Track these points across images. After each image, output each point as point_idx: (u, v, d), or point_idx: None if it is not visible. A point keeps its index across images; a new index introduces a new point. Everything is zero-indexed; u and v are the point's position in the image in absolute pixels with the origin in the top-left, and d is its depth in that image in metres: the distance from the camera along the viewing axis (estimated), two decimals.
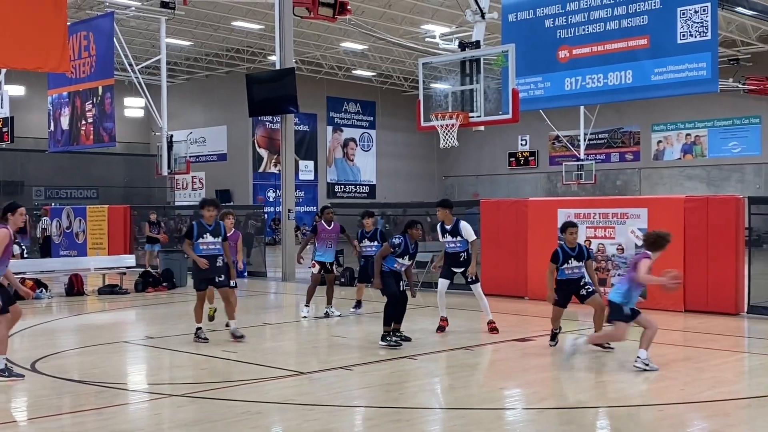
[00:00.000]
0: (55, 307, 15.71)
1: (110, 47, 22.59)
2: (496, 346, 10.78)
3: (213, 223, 10.72)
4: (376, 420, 6.99)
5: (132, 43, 30.27)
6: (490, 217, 16.29)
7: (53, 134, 25.41)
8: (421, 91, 13.96)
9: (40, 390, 8.29)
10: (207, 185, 42.10)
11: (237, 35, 34.57)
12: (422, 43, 29.33)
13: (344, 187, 44.34)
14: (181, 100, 40.56)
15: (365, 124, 45.66)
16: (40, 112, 32.58)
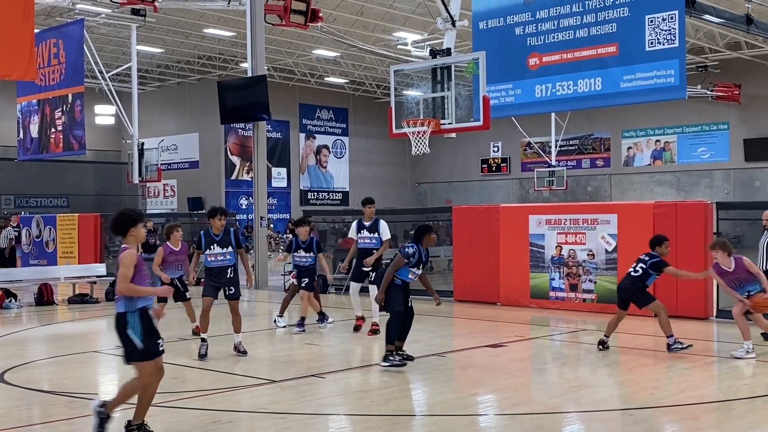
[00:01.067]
0: (25, 317, 15.52)
1: (80, 54, 22.41)
2: (468, 353, 10.82)
3: (221, 232, 10.27)
4: (349, 428, 6.99)
5: (102, 50, 30.06)
6: (463, 223, 16.36)
7: (22, 142, 25.14)
8: (393, 98, 13.99)
9: (9, 401, 8.19)
10: (179, 193, 41.86)
11: (209, 42, 34.44)
12: (394, 50, 29.43)
13: (317, 194, 44.29)
14: (153, 108, 40.30)
15: (338, 131, 45.66)
16: (9, 120, 32.21)
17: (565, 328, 13.06)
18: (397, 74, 14.26)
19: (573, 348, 11.58)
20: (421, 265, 9.53)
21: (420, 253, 9.46)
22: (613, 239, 14.13)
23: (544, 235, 14.97)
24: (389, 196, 45.02)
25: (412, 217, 24.32)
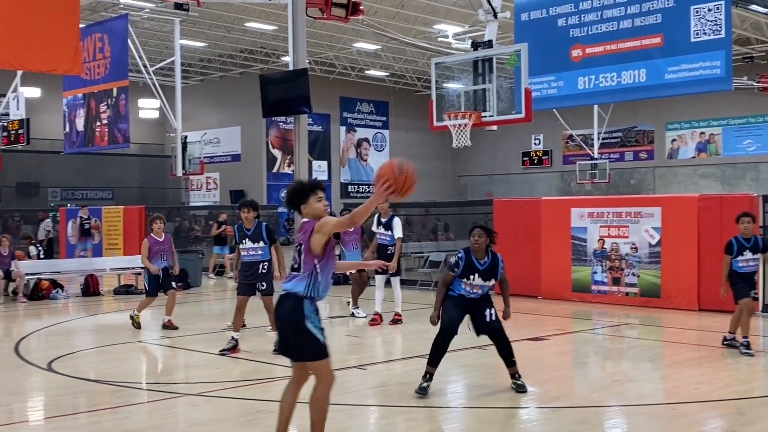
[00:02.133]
0: (72, 307, 15.82)
1: (124, 49, 22.71)
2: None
3: (252, 226, 10.04)
4: (389, 419, 7.02)
5: (146, 45, 30.41)
6: (504, 216, 16.28)
7: (68, 136, 25.57)
8: (434, 91, 13.98)
9: (56, 389, 8.36)
10: (221, 186, 42.25)
11: (250, 36, 34.68)
12: (435, 42, 29.34)
13: (358, 187, 44.38)
14: (195, 101, 40.71)
15: (378, 124, 45.69)
16: (56, 114, 32.79)
17: (608, 322, 12.96)
18: (438, 67, 14.25)
19: (615, 342, 11.48)
20: (476, 275, 7.78)
21: (467, 261, 7.80)
22: (657, 233, 13.97)
23: (587, 228, 14.84)
24: (429, 189, 44.95)
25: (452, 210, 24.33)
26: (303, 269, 5.36)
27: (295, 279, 5.39)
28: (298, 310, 5.32)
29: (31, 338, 11.84)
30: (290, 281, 5.42)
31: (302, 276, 5.36)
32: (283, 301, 5.42)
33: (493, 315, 7.86)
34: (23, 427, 7.14)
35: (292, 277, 5.43)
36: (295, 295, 5.35)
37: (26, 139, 24.88)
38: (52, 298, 16.48)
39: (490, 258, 7.83)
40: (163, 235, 12.36)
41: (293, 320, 5.35)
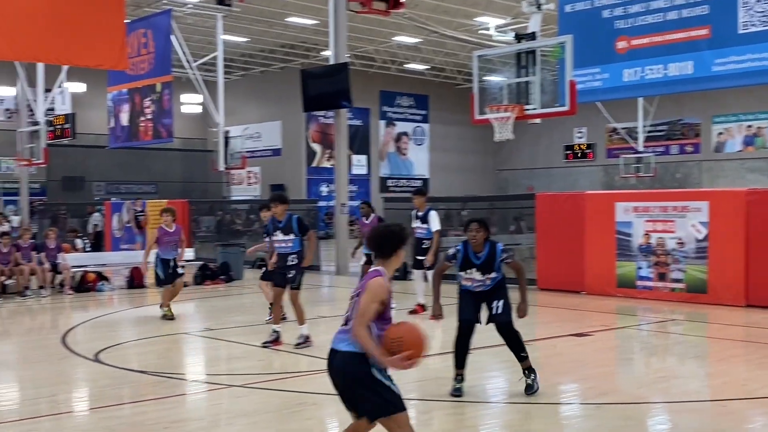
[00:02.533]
0: (117, 299, 16.04)
1: (168, 44, 22.91)
2: (552, 341, 10.68)
3: (284, 219, 10.08)
4: (431, 413, 6.99)
5: (189, 40, 30.64)
6: (546, 210, 16.13)
7: (113, 130, 25.90)
8: (476, 84, 13.87)
9: (103, 380, 8.47)
10: (262, 180, 42.52)
11: (292, 31, 34.80)
12: (476, 35, 29.15)
13: (397, 182, 44.36)
14: (237, 96, 41.00)
15: (418, 117, 45.59)
16: (101, 109, 33.23)
17: (653, 318, 12.77)
18: (481, 59, 14.14)
19: (661, 338, 11.32)
20: (473, 269, 7.40)
21: (464, 254, 7.41)
22: (704, 227, 13.73)
23: (632, 223, 14.63)
24: (469, 183, 44.80)
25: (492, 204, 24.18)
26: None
27: (347, 333, 4.68)
28: (361, 362, 4.62)
29: (78, 330, 12.02)
30: (340, 335, 4.75)
31: (345, 332, 4.74)
32: (336, 355, 4.72)
33: (500, 307, 7.44)
34: (69, 418, 7.25)
35: (342, 333, 4.74)
36: (352, 353, 4.64)
37: (72, 133, 25.26)
38: (97, 290, 16.72)
39: (488, 250, 7.37)
40: (173, 227, 12.90)
41: (357, 371, 4.63)
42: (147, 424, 6.78)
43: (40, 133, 25.75)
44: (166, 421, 6.78)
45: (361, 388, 4.62)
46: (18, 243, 16.36)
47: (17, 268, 15.78)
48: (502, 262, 7.39)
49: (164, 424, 6.71)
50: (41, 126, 25.88)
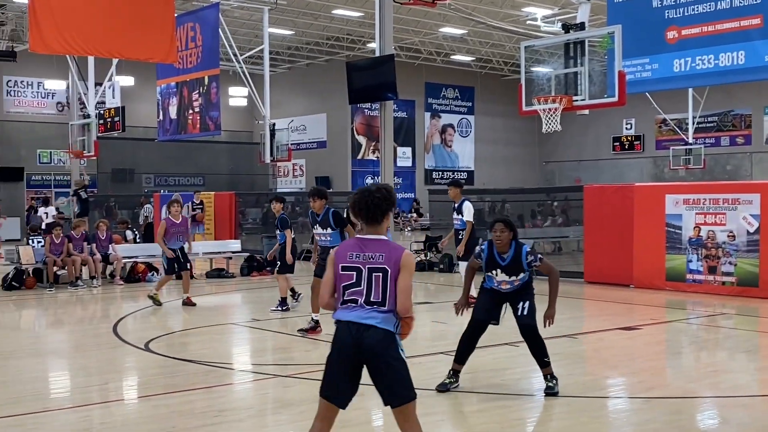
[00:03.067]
0: (165, 290, 16.25)
1: (216, 38, 23.14)
2: (600, 335, 10.59)
3: (322, 213, 10.23)
4: (478, 406, 6.98)
5: (236, 34, 30.91)
6: (594, 203, 15.97)
7: (162, 123, 26.26)
8: (523, 75, 13.79)
9: (153, 369, 8.62)
10: (307, 172, 42.74)
11: (337, 23, 34.87)
12: (523, 26, 28.89)
13: (442, 173, 44.22)
14: (283, 89, 41.23)
15: (463, 109, 45.38)
16: (149, 102, 33.71)
17: (703, 311, 12.59)
18: (528, 50, 14.04)
19: (711, 332, 11.15)
20: (498, 270, 7.15)
21: (489, 255, 7.16)
22: (756, 220, 13.47)
23: (682, 216, 14.41)
24: (515, 175, 44.48)
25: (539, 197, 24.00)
26: (389, 305, 4.54)
27: (378, 314, 4.53)
28: (395, 342, 4.54)
29: (128, 319, 12.24)
30: (368, 314, 4.54)
31: (389, 312, 4.55)
32: (368, 331, 4.52)
33: (525, 309, 7.16)
34: (119, 405, 7.39)
35: (373, 311, 4.54)
36: (384, 330, 4.53)
37: (122, 126, 25.65)
38: (147, 281, 16.99)
39: (513, 251, 7.07)
40: (180, 218, 13.38)
41: (393, 353, 4.51)
42: (196, 412, 6.88)
43: (91, 126, 26.19)
44: (215, 410, 6.87)
45: (393, 370, 4.53)
46: (70, 234, 16.69)
47: (69, 258, 16.10)
48: (530, 266, 7.11)
49: (213, 413, 6.80)
50: (92, 119, 26.32)
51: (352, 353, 4.53)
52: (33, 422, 6.54)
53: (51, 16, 15.23)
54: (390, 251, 4.59)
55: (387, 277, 4.54)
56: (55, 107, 38.67)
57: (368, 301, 4.53)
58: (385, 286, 4.53)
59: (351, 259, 4.61)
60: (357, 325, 4.51)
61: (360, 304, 4.54)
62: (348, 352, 4.54)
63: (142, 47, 15.13)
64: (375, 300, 4.53)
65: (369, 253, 4.59)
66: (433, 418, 6.69)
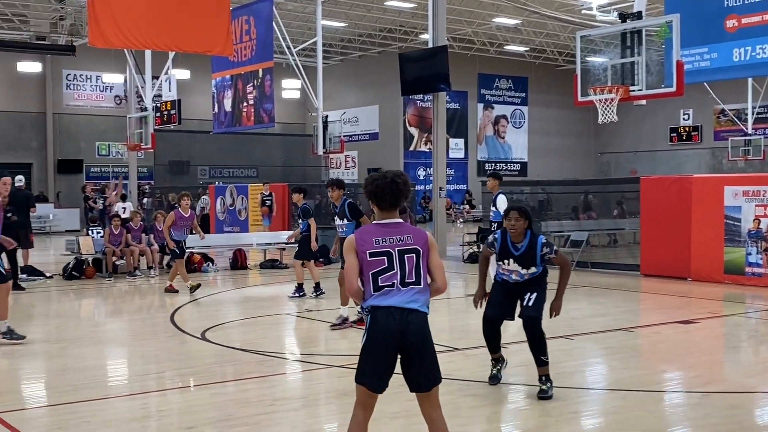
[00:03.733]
0: (221, 280, 16.50)
1: (269, 30, 23.30)
2: (657, 328, 10.43)
3: (339, 204, 10.45)
4: (533, 398, 6.93)
5: (289, 26, 31.11)
6: (651, 195, 15.71)
7: (217, 116, 26.56)
8: (579, 65, 13.62)
9: (209, 358, 8.75)
10: (359, 164, 42.86)
11: (390, 14, 34.85)
12: (578, 15, 28.55)
13: (495, 165, 43.95)
14: (335, 81, 41.38)
15: (517, 100, 45.01)
16: (204, 95, 34.15)
17: (762, 305, 12.31)
18: (583, 40, 13.86)
19: None
20: (511, 260, 6.86)
21: (503, 244, 6.89)
22: None
23: (741, 208, 14.10)
24: (569, 167, 44.01)
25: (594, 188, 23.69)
26: (424, 283, 4.61)
27: (416, 294, 4.57)
28: (428, 322, 4.61)
29: (184, 309, 12.43)
30: (407, 296, 4.56)
31: (424, 291, 4.61)
32: (411, 315, 4.54)
33: (531, 300, 6.85)
34: (175, 393, 7.52)
35: (412, 290, 4.57)
36: (425, 313, 4.58)
37: (178, 119, 26.01)
38: (203, 271, 17.24)
39: (528, 241, 6.78)
40: (189, 211, 13.99)
41: (430, 336, 4.59)
42: (251, 401, 6.97)
43: (148, 118, 26.61)
44: (270, 399, 6.95)
45: (431, 352, 4.57)
46: (129, 225, 17.01)
47: (128, 249, 16.42)
48: (543, 258, 6.83)
49: (267, 401, 6.88)
50: (149, 112, 26.74)
51: (396, 339, 4.50)
52: (91, 409, 6.69)
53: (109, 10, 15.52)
54: (416, 232, 4.66)
55: (420, 257, 4.59)
56: (113, 100, 39.40)
57: (404, 282, 4.55)
58: (418, 266, 4.57)
59: (378, 244, 4.59)
60: (400, 309, 4.51)
61: (396, 287, 4.54)
62: (392, 337, 4.51)
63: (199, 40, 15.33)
64: (410, 280, 4.55)
65: (396, 236, 4.60)
66: (486, 410, 6.67)
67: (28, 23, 33.21)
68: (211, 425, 6.26)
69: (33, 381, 8.16)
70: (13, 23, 32.67)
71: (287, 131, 43.30)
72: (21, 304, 13.32)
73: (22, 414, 6.66)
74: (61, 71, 37.95)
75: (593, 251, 18.81)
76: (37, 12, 32.33)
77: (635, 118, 41.13)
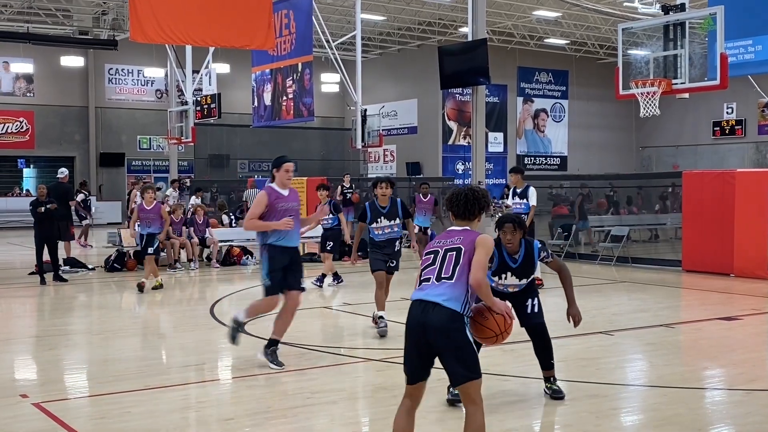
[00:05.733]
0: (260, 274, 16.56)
1: (309, 24, 23.36)
2: (698, 324, 10.29)
3: (388, 204, 9.57)
4: (572, 394, 6.88)
5: (328, 20, 31.17)
6: (693, 189, 15.48)
7: (256, 110, 26.73)
8: (620, 58, 13.45)
9: (250, 350, 8.81)
10: (398, 158, 42.83)
11: (429, 8, 34.73)
12: (620, 7, 28.17)
13: (534, 159, 43.61)
14: (374, 75, 41.37)
15: (557, 94, 44.60)
16: (244, 89, 34.37)
17: None
18: (625, 32, 13.68)
19: None
20: (509, 273, 6.55)
21: (500, 258, 6.51)
22: None
23: None
24: (610, 161, 43.52)
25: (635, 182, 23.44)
26: (457, 279, 4.62)
27: (446, 288, 4.61)
28: (460, 321, 4.58)
29: (224, 301, 12.55)
30: (437, 289, 4.62)
31: (457, 286, 4.62)
32: (433, 309, 4.58)
33: (536, 307, 6.67)
34: (215, 385, 7.59)
35: (444, 285, 4.62)
36: (450, 309, 4.57)
37: (218, 113, 26.23)
38: (242, 264, 17.37)
39: (524, 250, 6.51)
40: (153, 204, 13.62)
41: (458, 331, 4.55)
42: (290, 393, 7.02)
43: (188, 112, 26.88)
44: (308, 392, 6.99)
45: (458, 349, 4.56)
46: (170, 217, 17.18)
47: (168, 242, 16.60)
48: (542, 261, 6.63)
49: (306, 394, 6.92)
50: (190, 106, 27.00)
51: (419, 331, 4.64)
52: (132, 400, 6.78)
53: (149, 6, 15.68)
54: (468, 234, 4.79)
55: (460, 254, 4.67)
56: (154, 94, 39.83)
57: (439, 277, 4.67)
58: (457, 263, 4.65)
59: (433, 245, 4.86)
60: (424, 303, 4.62)
61: (432, 282, 4.67)
62: (415, 329, 4.67)
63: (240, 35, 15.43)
64: (445, 276, 4.65)
65: (451, 238, 4.81)
66: (524, 405, 6.64)
67: (71, 18, 33.69)
68: (250, 417, 6.31)
69: (75, 371, 8.29)
70: (57, 18, 33.16)
71: (326, 125, 43.42)
72: (63, 295, 13.56)
73: (65, 404, 6.77)
74: (103, 65, 38.45)
75: (634, 246, 18.62)
76: (80, 7, 32.78)
77: (677, 111, 40.53)
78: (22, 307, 12.73)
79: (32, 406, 6.53)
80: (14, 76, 36.75)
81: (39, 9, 31.48)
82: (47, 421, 6.17)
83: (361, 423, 6.51)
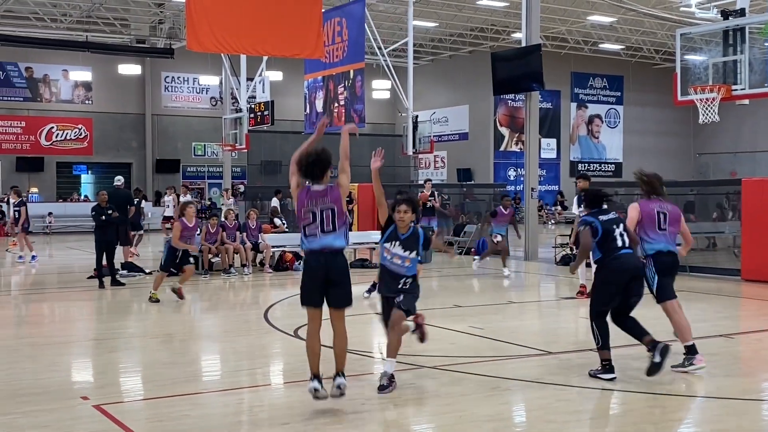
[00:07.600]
0: None
1: (361, 32, 23.48)
2: (759, 335, 10.05)
3: (408, 230, 7.56)
4: (628, 405, 6.76)
5: (380, 27, 31.28)
6: (753, 197, 15.13)
7: (308, 116, 26.93)
8: (679, 63, 13.24)
9: (301, 355, 8.81)
10: (448, 164, 42.74)
11: (482, 14, 34.64)
12: (676, 12, 27.74)
13: (588, 166, 43.15)
14: (425, 81, 41.37)
15: (612, 99, 44.08)
16: (296, 96, 34.64)
17: None
18: (683, 38, 13.46)
19: None
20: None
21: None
22: None
23: None
24: (666, 168, 42.70)
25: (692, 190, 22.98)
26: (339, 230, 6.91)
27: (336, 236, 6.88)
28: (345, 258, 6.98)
29: (277, 306, 12.63)
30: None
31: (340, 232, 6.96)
32: (339, 256, 6.86)
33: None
34: (267, 390, 7.64)
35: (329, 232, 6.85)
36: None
37: (271, 120, 26.50)
38: (295, 270, 17.47)
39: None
40: (194, 220, 13.43)
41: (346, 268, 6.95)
42: (343, 399, 7.00)
43: (242, 119, 27.21)
44: (361, 398, 6.98)
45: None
46: (224, 223, 17.39)
47: (222, 247, 16.79)
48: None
49: (360, 400, 6.91)
50: (243, 113, 27.32)
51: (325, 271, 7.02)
52: (188, 404, 6.85)
53: (205, 17, 15.94)
54: (331, 191, 7.05)
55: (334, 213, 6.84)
56: (209, 102, 40.41)
57: (323, 230, 6.78)
58: (334, 219, 6.83)
59: (308, 206, 6.94)
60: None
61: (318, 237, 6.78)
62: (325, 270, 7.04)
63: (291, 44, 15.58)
64: (328, 229, 6.81)
65: (319, 198, 6.96)
66: (581, 416, 6.54)
67: (129, 27, 34.38)
68: (304, 422, 6.33)
69: (133, 374, 8.42)
70: (115, 27, 33.86)
71: (377, 131, 43.52)
72: (120, 299, 13.79)
73: (123, 406, 6.88)
74: (159, 73, 39.14)
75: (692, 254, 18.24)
76: (137, 16, 33.43)
77: (736, 117, 39.68)
78: (81, 311, 12.98)
79: (92, 408, 6.65)
80: (73, 83, 37.63)
81: (98, 18, 32.20)
82: (107, 423, 6.27)
83: (413, 431, 6.48)
